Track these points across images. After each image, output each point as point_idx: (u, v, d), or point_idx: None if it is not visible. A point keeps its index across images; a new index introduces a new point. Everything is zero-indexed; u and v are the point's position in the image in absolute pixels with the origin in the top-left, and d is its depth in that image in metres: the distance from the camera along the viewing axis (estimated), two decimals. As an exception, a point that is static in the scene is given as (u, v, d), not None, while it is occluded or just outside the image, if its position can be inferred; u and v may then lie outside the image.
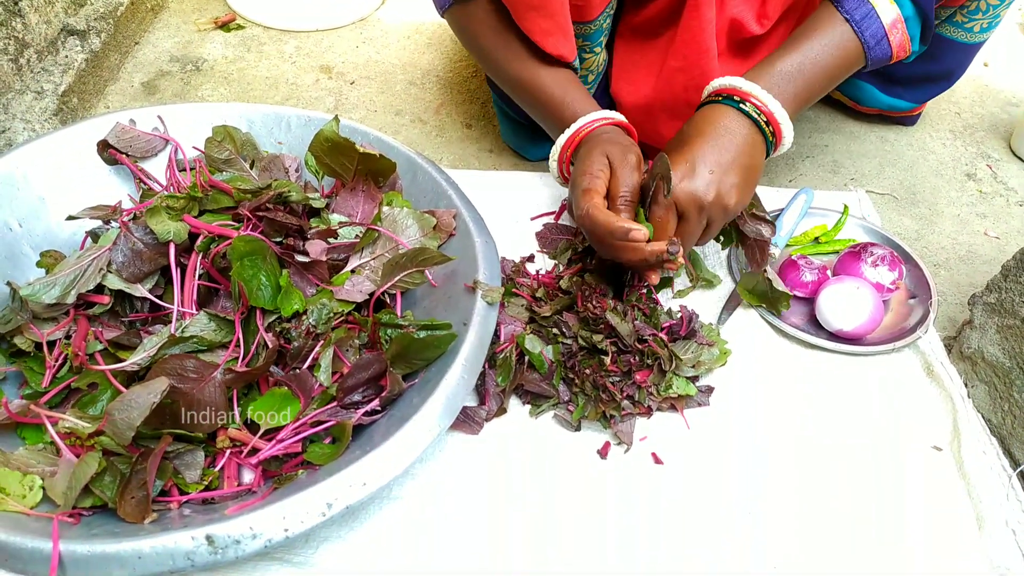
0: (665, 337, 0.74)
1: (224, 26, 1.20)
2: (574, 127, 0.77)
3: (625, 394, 0.70)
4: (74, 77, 0.94)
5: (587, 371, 0.70)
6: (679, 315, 0.76)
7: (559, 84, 0.79)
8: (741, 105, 0.73)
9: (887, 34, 0.75)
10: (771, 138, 0.74)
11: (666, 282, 0.83)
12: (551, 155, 0.80)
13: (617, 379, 0.71)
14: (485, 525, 0.65)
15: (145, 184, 0.80)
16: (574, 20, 0.80)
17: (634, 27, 0.90)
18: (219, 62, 1.14)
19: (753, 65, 0.77)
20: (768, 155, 0.76)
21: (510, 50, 0.79)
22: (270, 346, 0.65)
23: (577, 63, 0.80)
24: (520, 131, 0.99)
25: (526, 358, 0.72)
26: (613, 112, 0.78)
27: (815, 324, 0.83)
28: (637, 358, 0.71)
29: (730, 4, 0.86)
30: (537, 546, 0.64)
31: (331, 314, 0.69)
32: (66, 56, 0.93)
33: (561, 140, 0.78)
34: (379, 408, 0.64)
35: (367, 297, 0.71)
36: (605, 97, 0.97)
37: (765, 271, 0.77)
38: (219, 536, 0.51)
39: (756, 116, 0.72)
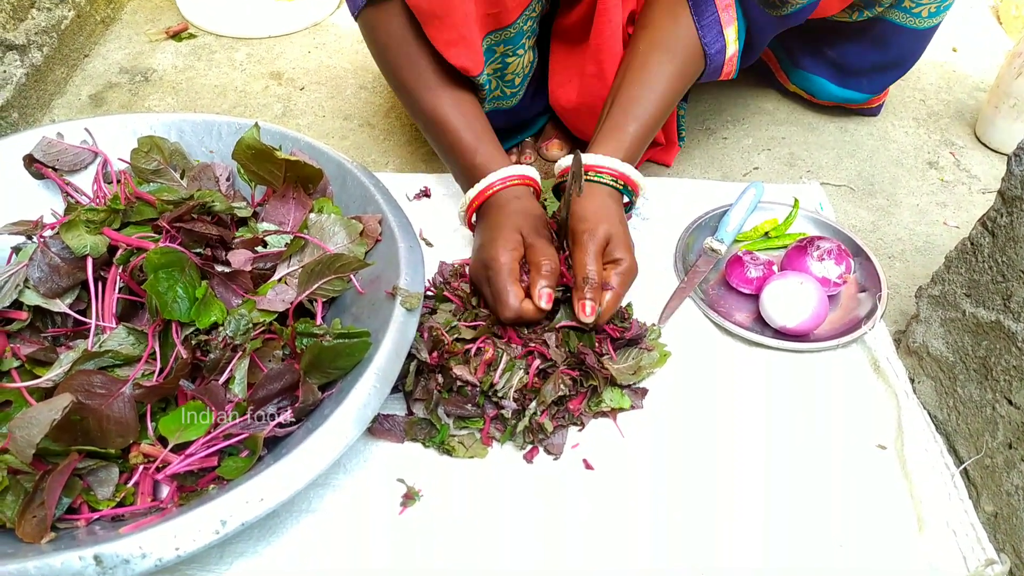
0: (610, 346, 0.72)
1: (176, 36, 1.19)
2: (483, 183, 0.77)
3: (556, 423, 0.68)
4: (13, 92, 0.93)
5: (515, 403, 0.68)
6: (629, 322, 0.75)
7: (468, 125, 0.79)
8: (605, 181, 0.77)
9: (724, 64, 0.83)
10: (632, 196, 0.80)
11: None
12: (459, 207, 0.81)
13: (549, 407, 0.68)
14: (410, 536, 0.63)
15: (72, 198, 0.79)
16: (492, 29, 0.79)
17: (563, 31, 0.89)
18: (168, 72, 1.13)
19: None
20: (631, 203, 0.82)
21: (417, 67, 0.78)
22: (184, 358, 0.64)
23: (484, 78, 0.79)
24: None
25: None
26: (523, 168, 0.79)
27: (760, 321, 0.81)
28: (571, 382, 0.69)
29: (629, 2, 0.86)
30: (463, 554, 0.62)
31: (249, 325, 0.67)
32: (4, 71, 0.93)
33: (470, 195, 0.78)
34: (293, 419, 0.63)
35: (288, 306, 0.69)
36: (538, 97, 0.96)
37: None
38: (107, 556, 0.50)
39: (616, 185, 0.77)
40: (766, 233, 0.90)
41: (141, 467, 0.62)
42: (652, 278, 0.85)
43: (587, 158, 0.77)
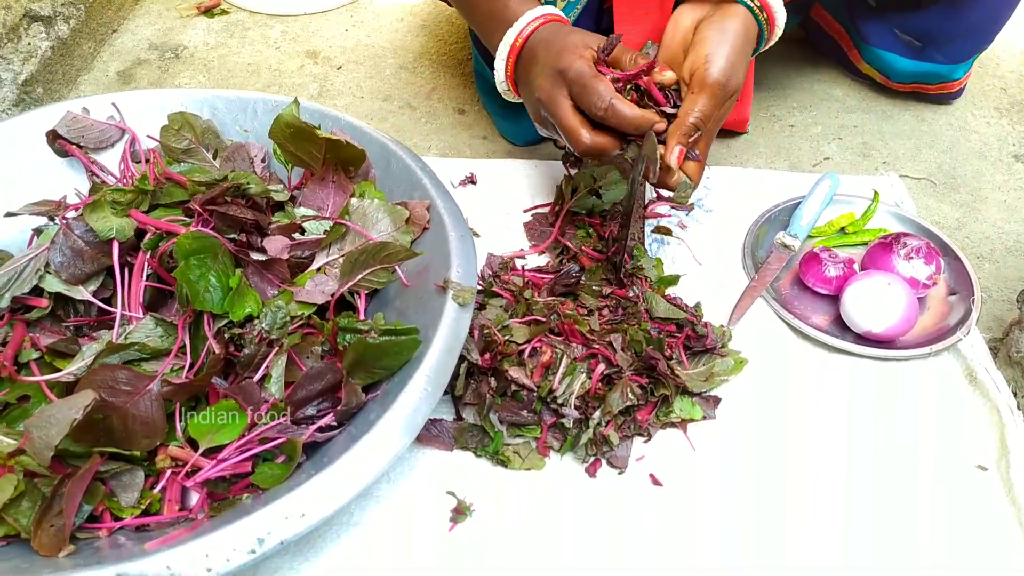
0: (682, 352, 0.65)
1: (208, 12, 1.14)
2: (520, 24, 0.70)
3: (621, 435, 0.62)
4: (38, 66, 0.88)
5: (576, 411, 0.61)
6: (703, 326, 0.68)
7: None
8: (751, 4, 0.67)
9: None
10: (765, 28, 0.70)
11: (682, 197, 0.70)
12: (497, 56, 0.72)
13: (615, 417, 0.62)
14: (461, 552, 0.57)
15: (98, 177, 0.74)
16: None
17: None
18: (200, 49, 1.08)
19: None
20: (760, 43, 0.71)
21: None
22: (216, 353, 0.59)
23: None
24: (507, 115, 0.91)
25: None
26: (554, 9, 0.72)
27: (840, 325, 0.73)
28: (639, 390, 0.63)
29: None
30: (520, 573, 0.56)
31: (287, 318, 0.61)
32: (28, 44, 0.88)
33: (508, 40, 0.71)
34: (334, 423, 0.57)
35: (329, 298, 0.64)
36: None
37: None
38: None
39: (761, 17, 0.68)
40: (842, 228, 0.83)
41: (169, 472, 0.56)
42: (719, 275, 0.78)
43: None
